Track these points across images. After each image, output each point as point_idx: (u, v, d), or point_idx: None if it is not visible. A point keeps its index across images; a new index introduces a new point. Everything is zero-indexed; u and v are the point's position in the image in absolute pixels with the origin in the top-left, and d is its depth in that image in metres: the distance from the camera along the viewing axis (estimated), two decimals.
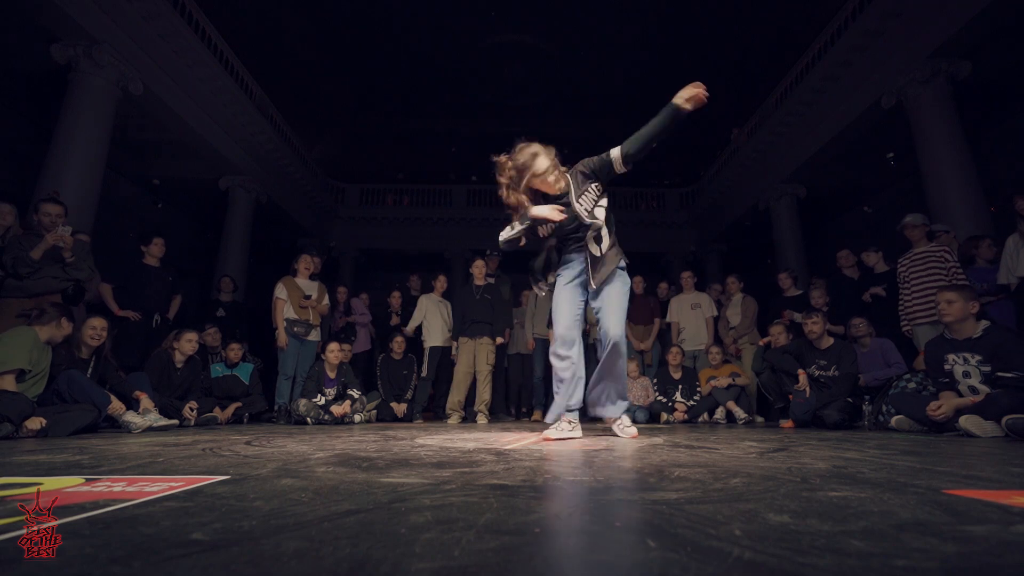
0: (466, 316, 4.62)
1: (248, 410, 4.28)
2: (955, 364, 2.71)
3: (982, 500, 0.82)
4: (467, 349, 4.58)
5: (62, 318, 2.84)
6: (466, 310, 4.64)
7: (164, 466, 1.29)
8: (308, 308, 4.57)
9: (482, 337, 4.60)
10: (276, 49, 10.49)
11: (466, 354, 4.58)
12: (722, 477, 1.08)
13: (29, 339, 2.66)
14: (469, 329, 4.60)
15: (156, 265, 4.39)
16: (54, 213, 3.47)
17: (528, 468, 1.24)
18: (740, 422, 4.29)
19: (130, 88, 6.48)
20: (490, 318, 4.64)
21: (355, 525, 0.65)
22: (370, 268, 13.96)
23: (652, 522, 0.67)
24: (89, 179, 5.95)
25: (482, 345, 4.59)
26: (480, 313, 4.61)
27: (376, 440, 2.18)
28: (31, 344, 2.65)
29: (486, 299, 4.66)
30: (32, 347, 2.65)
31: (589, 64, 11.32)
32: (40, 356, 2.71)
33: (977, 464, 1.34)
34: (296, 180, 11.33)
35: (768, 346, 4.26)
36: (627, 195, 13.66)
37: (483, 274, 4.79)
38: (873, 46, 7.05)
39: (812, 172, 8.96)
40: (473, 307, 4.62)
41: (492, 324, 4.65)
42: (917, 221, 3.90)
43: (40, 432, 2.38)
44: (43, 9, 5.49)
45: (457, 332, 4.69)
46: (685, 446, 1.92)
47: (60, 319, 2.83)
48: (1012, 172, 7.05)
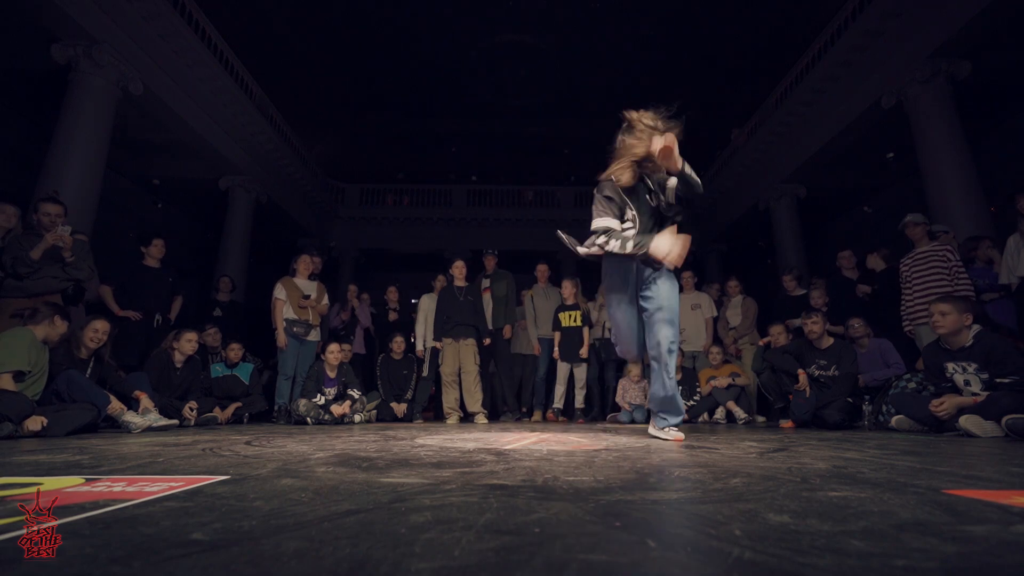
0: (450, 317, 4.58)
1: (248, 410, 4.28)
2: (955, 373, 2.71)
3: (982, 500, 0.82)
4: (452, 351, 4.55)
5: (55, 316, 2.83)
6: (450, 311, 4.59)
7: (164, 466, 1.29)
8: (307, 308, 4.57)
9: (467, 339, 4.56)
10: (276, 49, 10.49)
11: (451, 356, 4.54)
12: (722, 477, 1.08)
13: (27, 340, 2.66)
14: (453, 331, 4.56)
15: (156, 266, 4.39)
16: (53, 213, 3.47)
17: (528, 468, 1.24)
18: (740, 422, 4.28)
19: (130, 88, 6.48)
20: (473, 320, 4.60)
21: (355, 525, 0.65)
22: (370, 268, 13.96)
23: (652, 522, 0.67)
24: (89, 179, 5.95)
25: (467, 346, 4.55)
26: (463, 315, 4.57)
27: (376, 440, 2.18)
28: (28, 344, 2.65)
29: (468, 300, 4.63)
30: (30, 347, 2.64)
31: (589, 64, 11.31)
32: (38, 356, 2.71)
33: (977, 464, 1.34)
34: (296, 180, 11.33)
35: (768, 346, 4.26)
36: None
37: (463, 275, 4.76)
38: (873, 46, 7.06)
39: (812, 172, 8.96)
40: (456, 308, 4.58)
41: (476, 326, 4.61)
42: (919, 219, 3.90)
43: (40, 432, 2.38)
44: (43, 9, 5.49)
45: (439, 333, 4.62)
46: (685, 446, 1.92)
47: (53, 317, 2.82)
48: (1012, 172, 7.05)
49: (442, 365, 4.58)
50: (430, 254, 13.30)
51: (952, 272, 3.63)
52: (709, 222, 12.60)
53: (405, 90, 12.10)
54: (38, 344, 2.72)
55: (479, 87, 12.02)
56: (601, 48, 10.84)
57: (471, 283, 4.84)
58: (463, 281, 4.75)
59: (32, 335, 2.71)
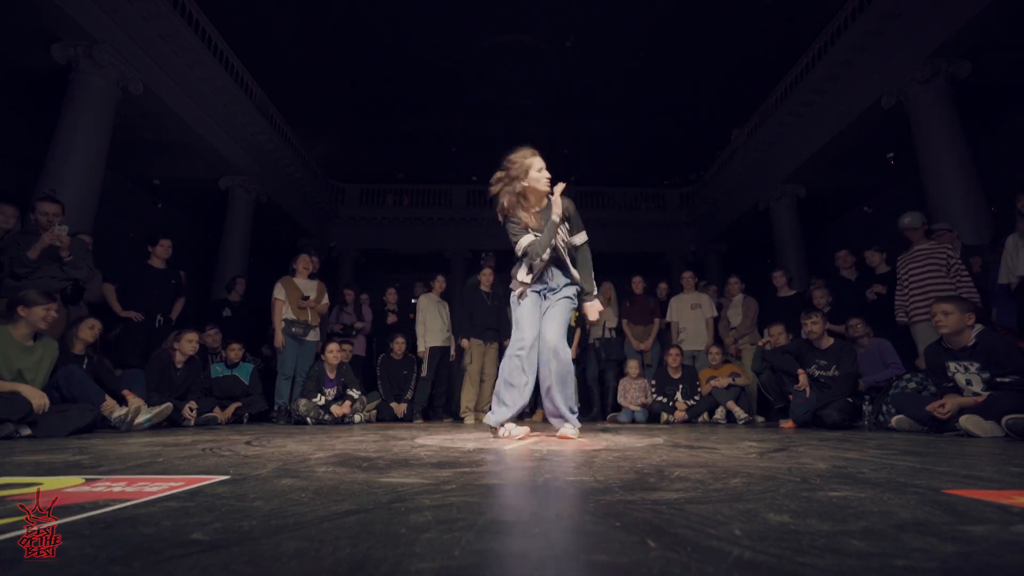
0: (476, 320, 4.78)
1: (248, 410, 4.28)
2: (956, 372, 2.71)
3: (982, 500, 0.82)
4: (479, 352, 4.76)
5: (18, 307, 2.65)
6: (477, 315, 4.79)
7: (164, 466, 1.29)
8: (306, 308, 4.57)
9: (493, 343, 4.81)
10: (276, 49, 10.48)
11: (478, 356, 4.75)
12: (722, 477, 1.08)
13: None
14: (483, 334, 4.78)
15: (161, 267, 4.38)
16: (51, 212, 3.46)
17: (528, 468, 1.24)
18: (740, 422, 4.28)
19: (130, 88, 6.47)
20: (498, 325, 4.80)
21: (355, 525, 0.65)
22: (370, 268, 13.95)
23: (652, 522, 0.67)
24: (89, 179, 5.94)
25: (492, 349, 4.80)
26: (492, 320, 4.80)
27: (376, 440, 2.18)
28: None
29: (495, 306, 4.83)
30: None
31: (589, 64, 11.31)
32: (16, 355, 2.59)
33: (977, 464, 1.34)
34: (296, 180, 11.33)
35: (766, 347, 4.25)
36: (627, 195, 13.66)
37: (491, 282, 4.94)
38: (873, 46, 7.05)
39: (812, 172, 8.96)
40: (485, 312, 4.80)
41: (499, 331, 4.80)
42: (916, 223, 3.88)
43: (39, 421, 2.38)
44: (43, 9, 5.48)
45: (465, 331, 4.80)
46: (685, 446, 1.92)
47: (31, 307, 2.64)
48: (1012, 172, 7.05)
49: (470, 363, 4.75)
50: (430, 254, 13.30)
51: (952, 270, 3.63)
52: (709, 222, 12.61)
53: (405, 90, 12.09)
54: (14, 342, 2.60)
55: (479, 87, 12.01)
56: (601, 48, 10.84)
57: (497, 291, 5.01)
58: (489, 287, 4.92)
59: (4, 335, 2.60)
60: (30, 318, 2.64)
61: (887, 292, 4.24)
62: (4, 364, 2.55)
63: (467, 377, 4.75)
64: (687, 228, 13.47)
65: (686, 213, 13.44)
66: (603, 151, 14.08)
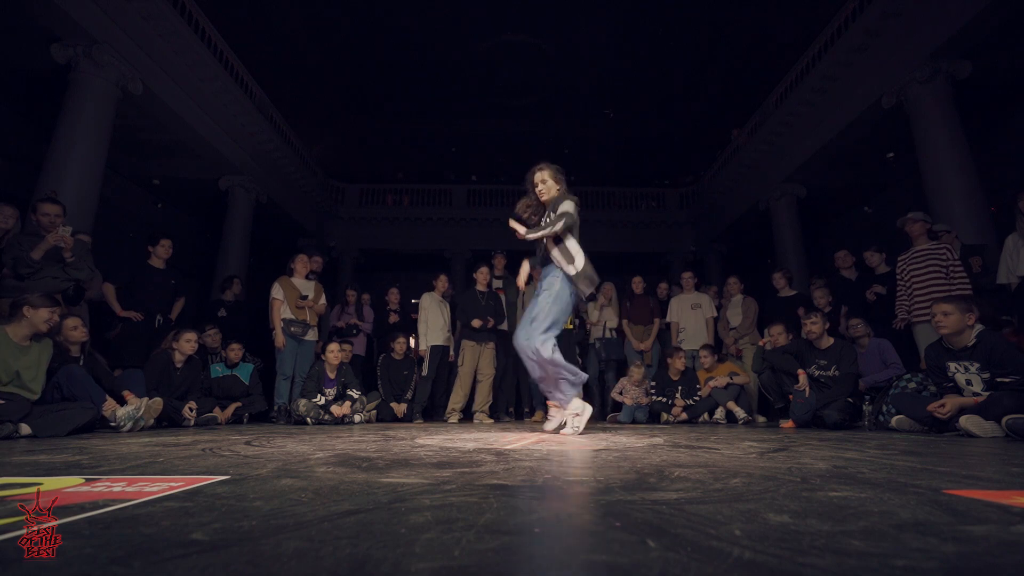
0: (469, 321, 4.71)
1: (248, 410, 4.27)
2: (957, 372, 2.71)
3: (982, 500, 0.82)
4: (472, 353, 4.68)
5: (24, 307, 2.66)
6: (469, 315, 4.72)
7: (164, 466, 1.29)
8: (305, 308, 4.57)
9: (488, 343, 4.72)
10: (276, 49, 10.48)
11: (471, 357, 4.67)
12: (722, 477, 1.08)
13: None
14: (476, 335, 4.70)
15: (161, 267, 4.38)
16: (52, 213, 3.47)
17: (528, 468, 1.24)
18: (740, 422, 4.28)
19: (130, 88, 6.47)
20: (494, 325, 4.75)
21: (355, 525, 0.65)
22: (370, 268, 13.95)
23: (652, 522, 0.67)
24: (89, 179, 5.94)
25: (487, 350, 4.72)
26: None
27: (376, 440, 2.18)
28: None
29: (490, 305, 4.79)
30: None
31: (588, 64, 11.32)
32: (14, 355, 2.60)
33: (977, 464, 1.34)
34: (296, 180, 11.33)
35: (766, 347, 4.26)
36: (627, 195, 13.65)
37: (486, 280, 4.88)
38: (873, 46, 7.05)
39: (812, 172, 8.96)
40: (479, 312, 4.71)
41: (494, 330, 4.75)
42: (918, 216, 3.90)
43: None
44: (43, 9, 5.48)
45: (460, 333, 4.76)
46: (685, 446, 1.92)
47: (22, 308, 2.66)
48: (1012, 172, 7.05)
49: (461, 365, 4.68)
50: (430, 254, 13.29)
51: (949, 270, 3.64)
52: (709, 222, 12.61)
53: (405, 90, 12.10)
54: (11, 344, 2.61)
55: (479, 87, 12.02)
56: (600, 48, 10.85)
57: (491, 290, 4.97)
58: (485, 286, 4.86)
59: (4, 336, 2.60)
60: (34, 319, 2.67)
61: (887, 292, 4.24)
62: (1, 365, 2.56)
63: (458, 380, 4.67)
64: (687, 228, 13.47)
65: (686, 213, 13.44)
66: (603, 151, 14.09)
